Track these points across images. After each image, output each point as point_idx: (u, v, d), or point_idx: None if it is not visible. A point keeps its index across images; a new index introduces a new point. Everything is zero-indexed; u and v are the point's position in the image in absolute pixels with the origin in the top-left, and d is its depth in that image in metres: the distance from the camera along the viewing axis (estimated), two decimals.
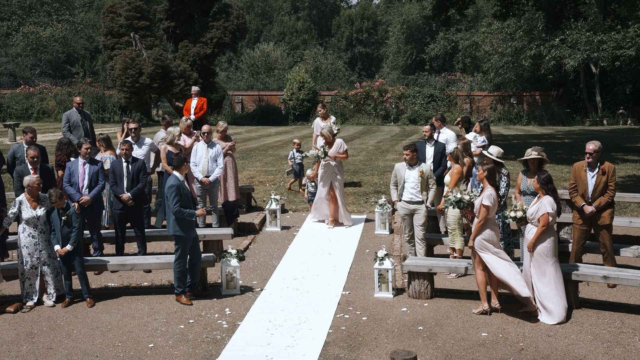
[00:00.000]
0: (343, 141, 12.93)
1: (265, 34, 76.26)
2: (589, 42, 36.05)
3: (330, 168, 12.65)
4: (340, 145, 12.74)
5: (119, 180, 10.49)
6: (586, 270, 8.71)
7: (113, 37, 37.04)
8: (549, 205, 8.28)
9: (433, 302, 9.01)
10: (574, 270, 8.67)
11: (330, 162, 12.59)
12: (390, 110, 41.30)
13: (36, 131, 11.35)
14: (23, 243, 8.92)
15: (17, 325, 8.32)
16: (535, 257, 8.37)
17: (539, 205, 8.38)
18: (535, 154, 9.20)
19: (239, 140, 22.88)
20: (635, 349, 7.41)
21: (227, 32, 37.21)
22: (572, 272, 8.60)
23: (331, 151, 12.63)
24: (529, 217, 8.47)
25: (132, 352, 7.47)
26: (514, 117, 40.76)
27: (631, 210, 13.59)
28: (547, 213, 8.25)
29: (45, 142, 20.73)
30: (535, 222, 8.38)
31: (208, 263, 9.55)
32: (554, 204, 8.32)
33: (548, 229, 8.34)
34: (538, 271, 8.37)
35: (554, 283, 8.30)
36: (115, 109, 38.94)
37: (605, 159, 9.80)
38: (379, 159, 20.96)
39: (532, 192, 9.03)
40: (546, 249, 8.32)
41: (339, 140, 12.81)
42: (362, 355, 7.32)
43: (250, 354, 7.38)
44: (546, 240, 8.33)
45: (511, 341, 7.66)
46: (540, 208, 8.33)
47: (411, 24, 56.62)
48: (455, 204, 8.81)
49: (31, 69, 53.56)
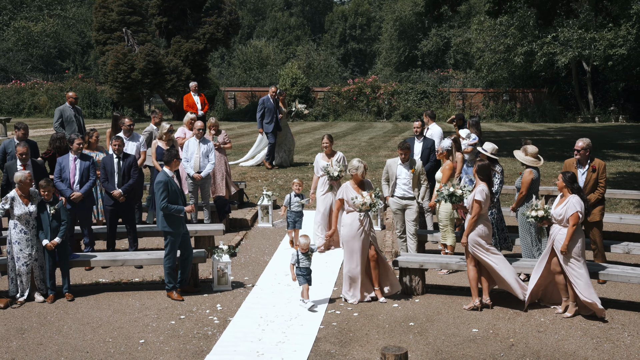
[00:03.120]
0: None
1: (258, 30, 76.09)
2: (581, 40, 36.16)
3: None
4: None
5: (110, 176, 10.45)
6: None
7: (105, 32, 36.87)
8: (578, 204, 8.17)
9: (424, 298, 9.03)
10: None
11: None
12: (383, 107, 41.29)
13: (28, 127, 11.31)
14: (15, 239, 8.88)
15: (7, 321, 8.29)
16: (570, 259, 8.23)
17: (566, 205, 8.24)
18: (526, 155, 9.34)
19: (232, 136, 22.80)
20: (624, 344, 7.45)
21: (220, 27, 37.10)
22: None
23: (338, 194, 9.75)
24: (557, 217, 8.30)
25: (122, 348, 7.46)
26: (506, 113, 40.83)
27: (621, 207, 13.66)
28: (577, 212, 8.15)
29: (37, 137, 20.61)
30: (565, 222, 8.26)
31: (199, 259, 9.54)
32: (582, 203, 8.23)
33: (577, 229, 8.25)
34: (576, 273, 8.21)
35: (590, 282, 8.22)
36: (107, 105, 38.79)
37: (596, 156, 9.85)
38: (371, 155, 20.96)
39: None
40: (579, 249, 8.21)
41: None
42: (353, 351, 7.33)
43: (241, 350, 7.38)
44: (578, 240, 8.21)
45: (501, 337, 7.69)
46: (569, 207, 8.20)
47: (404, 21, 56.57)
48: (447, 197, 8.84)
49: (22, 64, 53.30)
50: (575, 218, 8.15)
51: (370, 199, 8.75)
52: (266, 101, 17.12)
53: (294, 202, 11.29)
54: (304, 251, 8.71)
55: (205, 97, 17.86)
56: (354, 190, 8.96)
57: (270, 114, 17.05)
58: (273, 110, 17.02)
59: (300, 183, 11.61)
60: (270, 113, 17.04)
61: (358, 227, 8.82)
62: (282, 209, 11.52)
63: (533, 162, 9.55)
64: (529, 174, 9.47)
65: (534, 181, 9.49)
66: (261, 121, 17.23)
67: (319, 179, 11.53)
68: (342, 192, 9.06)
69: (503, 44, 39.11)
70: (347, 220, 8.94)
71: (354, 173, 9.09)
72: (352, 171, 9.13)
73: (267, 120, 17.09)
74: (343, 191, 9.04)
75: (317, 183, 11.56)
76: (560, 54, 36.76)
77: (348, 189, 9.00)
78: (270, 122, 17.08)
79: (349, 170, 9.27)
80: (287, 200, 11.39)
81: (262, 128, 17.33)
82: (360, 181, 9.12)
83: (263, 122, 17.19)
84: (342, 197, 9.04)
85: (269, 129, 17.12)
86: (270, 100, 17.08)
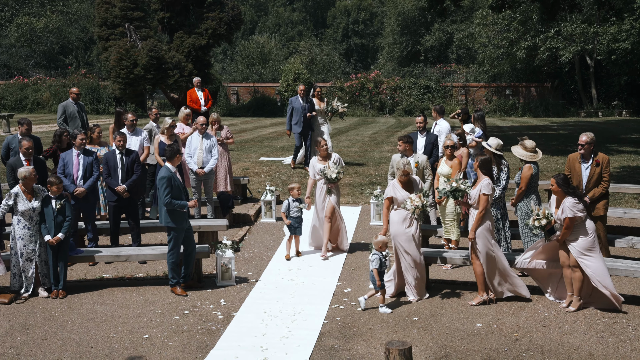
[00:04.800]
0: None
1: (260, 25, 75.99)
2: (584, 34, 36.06)
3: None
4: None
5: (113, 172, 10.45)
6: None
7: (107, 28, 36.84)
8: (571, 208, 8.12)
9: (428, 292, 9.02)
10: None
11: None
12: (386, 102, 41.25)
13: (32, 123, 11.31)
14: (18, 235, 8.88)
15: (12, 316, 8.31)
16: (581, 255, 8.23)
17: (562, 208, 8.22)
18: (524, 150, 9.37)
19: (234, 132, 22.84)
20: (628, 338, 7.44)
21: (222, 23, 37.05)
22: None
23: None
24: (557, 219, 8.29)
25: (127, 343, 7.47)
26: (509, 108, 40.78)
27: (625, 201, 13.64)
28: (568, 218, 8.12)
29: (40, 133, 20.63)
30: (559, 225, 8.28)
31: (203, 254, 9.55)
32: (577, 205, 8.16)
33: (580, 227, 8.21)
34: (597, 268, 8.19)
35: (607, 272, 8.24)
36: (109, 100, 38.81)
37: (600, 150, 9.83)
38: (374, 150, 20.95)
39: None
40: (588, 242, 8.20)
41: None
42: (357, 346, 7.33)
43: (245, 345, 7.39)
44: (584, 236, 8.21)
45: (505, 331, 7.69)
46: (564, 210, 8.18)
47: (406, 16, 56.46)
48: (451, 193, 8.74)
49: (25, 59, 53.33)
50: (567, 222, 8.15)
51: (419, 201, 8.66)
52: (294, 101, 15.98)
53: (292, 207, 10.71)
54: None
55: (209, 92, 17.69)
56: (402, 190, 8.86)
57: (298, 114, 15.90)
58: (300, 110, 15.85)
59: (299, 188, 10.86)
60: (297, 113, 15.89)
61: (407, 225, 8.78)
62: (283, 216, 10.72)
63: (531, 157, 9.53)
64: (528, 169, 9.45)
65: (534, 176, 9.47)
66: (290, 122, 16.12)
67: (316, 183, 10.99)
68: (390, 191, 8.93)
69: (506, 39, 39.02)
70: (395, 218, 8.87)
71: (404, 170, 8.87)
72: (406, 167, 8.88)
73: (294, 120, 15.96)
74: (391, 190, 8.93)
75: (312, 186, 11.07)
76: (563, 48, 36.69)
77: (396, 188, 8.90)
78: (297, 123, 15.96)
79: (397, 169, 9.00)
80: (285, 207, 10.71)
81: (290, 130, 16.16)
82: (408, 179, 8.96)
83: (292, 123, 16.10)
84: (391, 195, 8.90)
85: (297, 129, 15.97)
86: (299, 100, 15.89)
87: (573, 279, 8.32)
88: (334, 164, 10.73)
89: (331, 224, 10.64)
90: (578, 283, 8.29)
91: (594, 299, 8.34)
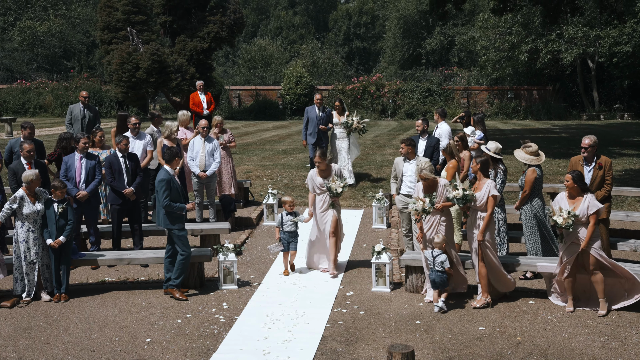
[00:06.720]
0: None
1: (262, 29, 76.07)
2: (586, 37, 36.05)
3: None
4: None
5: (117, 175, 10.43)
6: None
7: (110, 32, 36.88)
8: (594, 206, 8.17)
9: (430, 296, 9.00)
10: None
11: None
12: (388, 105, 41.26)
13: (34, 127, 11.33)
14: (22, 238, 8.88)
15: (14, 320, 8.31)
16: (597, 255, 8.25)
17: (586, 204, 8.22)
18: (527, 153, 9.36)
19: (236, 135, 22.85)
20: (632, 342, 7.42)
21: (224, 26, 37.09)
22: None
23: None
24: (580, 217, 8.23)
25: (129, 347, 7.47)
26: (511, 111, 40.77)
27: (628, 204, 13.62)
28: (597, 210, 8.16)
29: (42, 136, 20.65)
30: (585, 221, 8.22)
31: (205, 257, 9.54)
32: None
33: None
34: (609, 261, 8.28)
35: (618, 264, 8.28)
36: (112, 104, 38.86)
37: (602, 153, 9.81)
38: (376, 153, 20.96)
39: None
40: (598, 242, 8.31)
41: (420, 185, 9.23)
42: (359, 350, 7.33)
43: (247, 348, 7.38)
44: (597, 235, 8.32)
45: (508, 335, 7.67)
46: (590, 206, 8.18)
47: (408, 19, 56.48)
48: (459, 200, 8.58)
49: (28, 63, 53.38)
50: (596, 217, 8.17)
51: (422, 205, 8.71)
52: (310, 110, 15.29)
53: (286, 221, 9.97)
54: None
55: (211, 95, 17.68)
56: (421, 193, 8.91)
57: (313, 125, 15.15)
58: (315, 121, 15.13)
59: (292, 202, 10.13)
60: (312, 123, 15.14)
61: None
62: (276, 231, 10.08)
63: (534, 160, 9.52)
64: (532, 172, 9.44)
65: (537, 179, 9.46)
66: (305, 132, 15.38)
67: (316, 197, 10.17)
68: (417, 190, 9.02)
69: (507, 42, 39.02)
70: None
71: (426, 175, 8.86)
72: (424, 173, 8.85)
73: (309, 131, 15.21)
74: (417, 190, 9.04)
75: (313, 201, 10.19)
76: (565, 51, 36.68)
77: (419, 189, 9.01)
78: (312, 134, 15.19)
79: (421, 171, 8.86)
80: (278, 221, 10.05)
81: (306, 140, 15.43)
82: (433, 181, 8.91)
83: (306, 134, 15.37)
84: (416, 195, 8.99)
85: (311, 140, 15.15)
86: (314, 109, 15.18)
87: (595, 282, 8.28)
88: (337, 176, 10.06)
89: (335, 238, 10.10)
90: (601, 285, 8.27)
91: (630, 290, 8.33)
